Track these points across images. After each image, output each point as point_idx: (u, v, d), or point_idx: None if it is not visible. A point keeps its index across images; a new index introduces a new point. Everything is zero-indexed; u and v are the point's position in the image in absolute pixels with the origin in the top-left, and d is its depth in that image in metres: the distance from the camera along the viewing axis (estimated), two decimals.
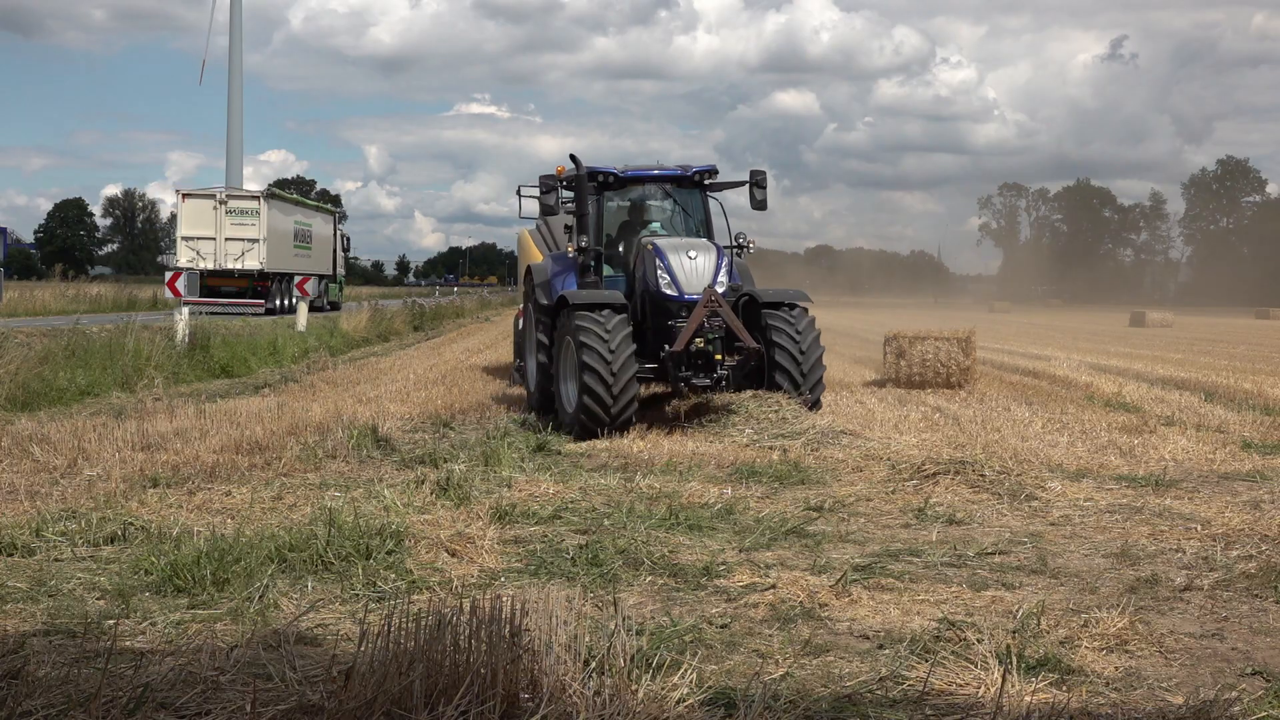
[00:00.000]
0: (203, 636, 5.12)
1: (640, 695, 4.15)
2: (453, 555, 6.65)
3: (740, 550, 7.08)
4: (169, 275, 21.32)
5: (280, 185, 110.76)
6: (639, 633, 5.06)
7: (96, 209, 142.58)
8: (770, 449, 10.75)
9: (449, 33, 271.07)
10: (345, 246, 52.05)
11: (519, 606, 4.28)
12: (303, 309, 29.35)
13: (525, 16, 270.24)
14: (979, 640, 5.11)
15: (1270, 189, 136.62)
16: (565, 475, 9.56)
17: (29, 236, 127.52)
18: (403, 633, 4.11)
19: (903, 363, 18.55)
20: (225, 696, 4.24)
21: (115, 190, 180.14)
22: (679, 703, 4.21)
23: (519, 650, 4.12)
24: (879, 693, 4.63)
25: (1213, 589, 6.28)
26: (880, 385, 18.55)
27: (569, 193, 14.17)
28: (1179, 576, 6.54)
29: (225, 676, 4.43)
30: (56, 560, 6.55)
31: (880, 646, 5.26)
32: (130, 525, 7.15)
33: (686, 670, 4.54)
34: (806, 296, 13.49)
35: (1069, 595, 6.17)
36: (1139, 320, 54.91)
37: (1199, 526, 7.86)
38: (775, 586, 6.13)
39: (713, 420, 12.28)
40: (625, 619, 5.13)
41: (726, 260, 13.09)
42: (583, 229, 13.66)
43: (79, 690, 4.09)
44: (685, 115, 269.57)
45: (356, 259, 68.09)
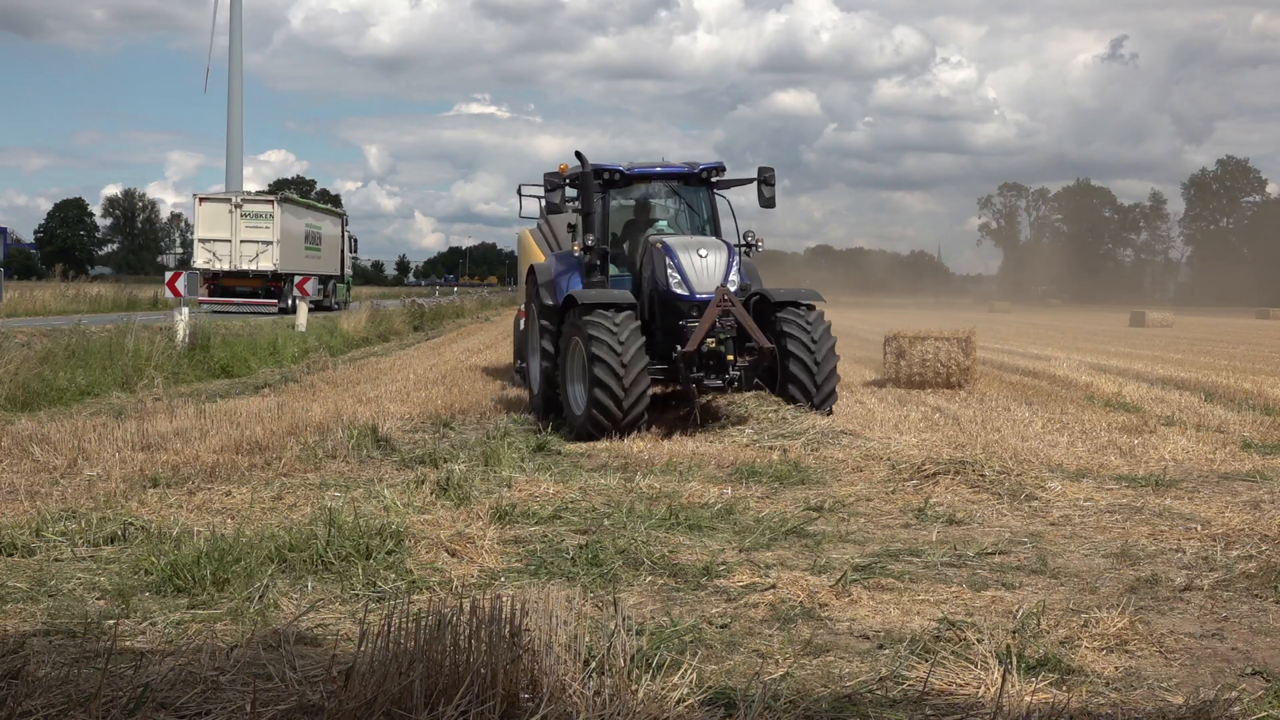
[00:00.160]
0: (203, 636, 5.11)
1: (640, 695, 4.15)
2: (453, 555, 6.65)
3: (740, 550, 7.08)
4: (169, 275, 21.28)
5: (280, 185, 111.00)
6: (639, 633, 5.06)
7: (96, 209, 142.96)
8: (770, 449, 10.74)
9: (449, 33, 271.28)
10: (353, 248, 53.41)
11: (519, 606, 4.28)
12: (302, 309, 29.32)
13: (525, 16, 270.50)
14: (979, 640, 5.11)
15: (1270, 189, 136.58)
16: (565, 475, 9.56)
17: (29, 236, 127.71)
18: (403, 633, 4.11)
19: (903, 363, 18.56)
20: (225, 696, 4.24)
21: (115, 190, 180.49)
22: (679, 703, 4.21)
23: (519, 650, 4.12)
24: (879, 693, 4.63)
25: (1213, 589, 6.28)
26: (880, 385, 18.56)
27: (571, 190, 13.96)
28: (1179, 576, 6.54)
29: (225, 676, 4.43)
30: (56, 560, 6.55)
31: (880, 646, 5.25)
32: (130, 525, 7.15)
33: (686, 670, 4.54)
34: (819, 296, 13.28)
35: (1069, 595, 6.17)
36: (1139, 320, 54.93)
37: (1199, 526, 7.86)
38: (775, 586, 6.13)
39: (713, 420, 12.28)
40: (625, 619, 5.13)
41: (737, 259, 12.87)
42: (588, 227, 13.39)
43: (79, 690, 4.09)
44: (685, 115, 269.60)
45: (358, 258, 68.72)
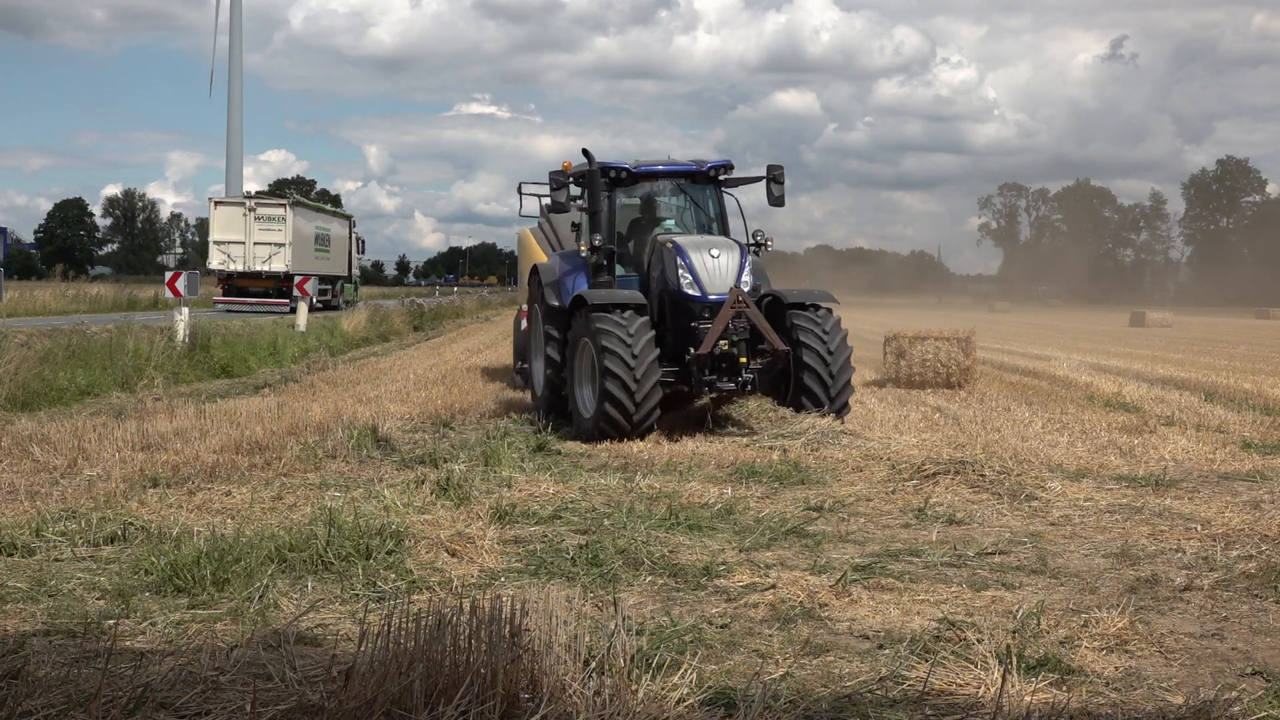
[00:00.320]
0: (203, 636, 5.11)
1: (640, 695, 4.15)
2: (453, 555, 6.65)
3: (740, 550, 7.08)
4: (169, 275, 21.27)
5: (280, 185, 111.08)
6: (639, 633, 5.06)
7: (96, 209, 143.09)
8: (770, 449, 10.74)
9: (449, 33, 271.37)
10: (360, 249, 54.79)
11: (519, 606, 4.28)
12: (302, 309, 29.31)
13: (525, 16, 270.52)
14: (979, 640, 5.11)
15: (1270, 189, 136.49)
16: (565, 475, 9.56)
17: (29, 236, 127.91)
18: (403, 633, 4.11)
19: (903, 363, 18.56)
20: (225, 696, 4.24)
21: (115, 190, 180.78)
22: (679, 703, 4.21)
23: (519, 650, 4.12)
24: (879, 693, 4.63)
25: (1213, 589, 6.28)
26: (880, 385, 18.56)
27: (576, 189, 13.64)
28: (1179, 576, 6.53)
29: (225, 676, 4.43)
30: (56, 560, 6.55)
31: (880, 646, 5.25)
32: (130, 525, 7.15)
33: (686, 670, 4.54)
34: (832, 298, 13.06)
35: (1069, 595, 6.17)
36: (1139, 320, 54.95)
37: (1199, 526, 7.86)
38: (775, 586, 6.13)
39: (715, 421, 12.28)
40: (625, 619, 5.13)
41: (748, 259, 12.65)
42: (595, 226, 13.07)
43: (79, 690, 4.09)
44: (685, 115, 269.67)
45: (364, 260, 69.22)
